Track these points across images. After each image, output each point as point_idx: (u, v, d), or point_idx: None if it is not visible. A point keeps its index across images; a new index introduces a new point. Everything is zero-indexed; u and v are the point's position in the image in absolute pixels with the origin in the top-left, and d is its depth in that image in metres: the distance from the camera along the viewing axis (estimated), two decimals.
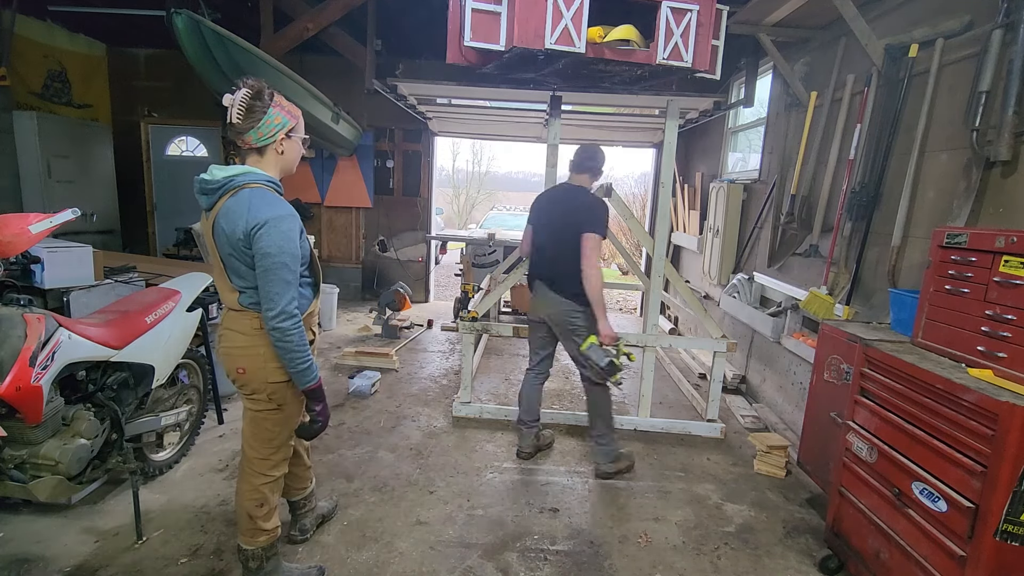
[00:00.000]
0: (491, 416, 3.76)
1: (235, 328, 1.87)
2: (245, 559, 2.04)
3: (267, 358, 1.86)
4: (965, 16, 2.64)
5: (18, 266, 2.49)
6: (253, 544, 2.02)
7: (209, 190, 1.78)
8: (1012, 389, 1.73)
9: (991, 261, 1.93)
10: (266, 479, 2.01)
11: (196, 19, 3.75)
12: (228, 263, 1.81)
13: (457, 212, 22.51)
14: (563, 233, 2.94)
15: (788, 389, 3.92)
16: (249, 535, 2.02)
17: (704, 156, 6.32)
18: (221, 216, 1.75)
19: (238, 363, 1.87)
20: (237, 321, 1.86)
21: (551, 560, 2.38)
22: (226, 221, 1.73)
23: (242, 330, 1.85)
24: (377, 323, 5.77)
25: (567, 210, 2.99)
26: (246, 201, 1.73)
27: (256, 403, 1.92)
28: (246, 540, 2.02)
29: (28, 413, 2.16)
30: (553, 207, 3.09)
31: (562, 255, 2.93)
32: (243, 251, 1.74)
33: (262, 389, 1.88)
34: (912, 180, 2.86)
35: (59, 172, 5.55)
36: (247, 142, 1.80)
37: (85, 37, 6.25)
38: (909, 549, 1.96)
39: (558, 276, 2.97)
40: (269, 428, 1.96)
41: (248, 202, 1.73)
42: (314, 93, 5.14)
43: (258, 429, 1.96)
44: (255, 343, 1.85)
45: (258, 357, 1.86)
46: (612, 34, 2.87)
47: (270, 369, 1.87)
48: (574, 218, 2.92)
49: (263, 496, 2.01)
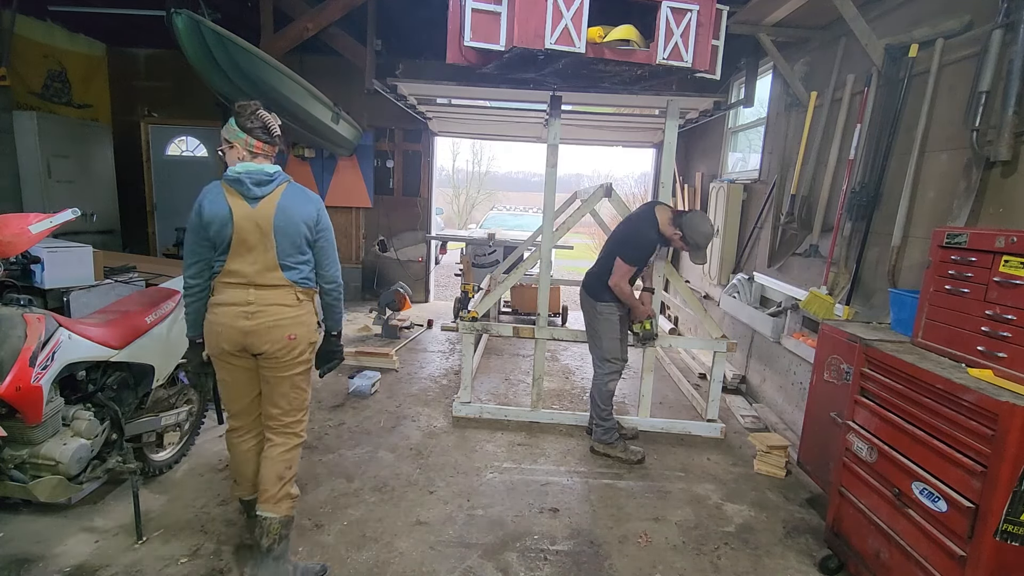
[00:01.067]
0: (491, 416, 3.76)
1: (281, 302, 2.10)
2: (265, 530, 2.07)
3: (310, 322, 2.18)
4: (965, 16, 2.64)
5: (18, 266, 2.49)
6: (279, 511, 2.10)
7: (266, 181, 2.06)
8: (1012, 389, 1.73)
9: (991, 261, 1.93)
10: (299, 440, 2.24)
11: (196, 19, 3.75)
12: (289, 243, 2.07)
13: (457, 212, 22.53)
14: (608, 246, 3.37)
15: (788, 389, 3.92)
16: (274, 501, 2.10)
17: (704, 156, 6.32)
18: (286, 202, 2.06)
19: (289, 331, 2.10)
20: (281, 296, 2.10)
21: (551, 560, 2.38)
22: (296, 206, 2.08)
23: (289, 302, 2.11)
24: (377, 323, 5.77)
25: (619, 231, 3.38)
26: (302, 191, 2.15)
27: (299, 366, 2.16)
28: (272, 507, 2.10)
29: (28, 413, 2.16)
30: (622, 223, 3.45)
31: (597, 263, 3.39)
32: (312, 229, 2.12)
33: (306, 350, 2.17)
34: (912, 180, 2.86)
35: (59, 172, 5.55)
36: (274, 150, 2.15)
37: (85, 37, 6.25)
38: (909, 549, 1.96)
39: (588, 275, 3.43)
40: (304, 388, 2.22)
41: (304, 191, 2.15)
42: (314, 93, 5.14)
43: (295, 393, 2.19)
44: (302, 311, 2.14)
45: (305, 324, 2.15)
46: (612, 34, 2.87)
47: (313, 330, 2.20)
48: (616, 241, 3.31)
49: (294, 457, 2.21)
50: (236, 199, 2.03)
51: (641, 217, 3.28)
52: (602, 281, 3.24)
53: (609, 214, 6.32)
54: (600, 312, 3.28)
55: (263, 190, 2.04)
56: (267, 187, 2.05)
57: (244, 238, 2.03)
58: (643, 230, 3.20)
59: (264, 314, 2.07)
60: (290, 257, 2.09)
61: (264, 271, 2.07)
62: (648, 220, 3.20)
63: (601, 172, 26.34)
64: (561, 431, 3.65)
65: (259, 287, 2.08)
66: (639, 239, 3.20)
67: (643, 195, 11.64)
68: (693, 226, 3.08)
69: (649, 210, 3.27)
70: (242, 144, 2.05)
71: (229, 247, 2.04)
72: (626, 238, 3.24)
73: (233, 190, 2.04)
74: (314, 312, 2.22)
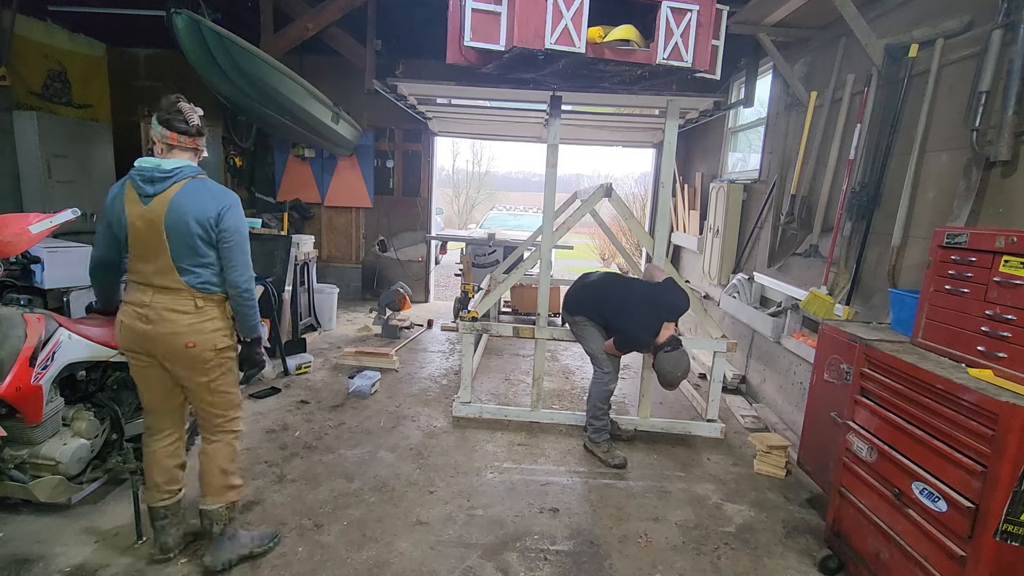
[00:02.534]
0: (491, 416, 3.76)
1: (176, 307, 2.00)
2: (213, 521, 2.15)
3: (211, 329, 2.06)
4: (965, 16, 2.64)
5: (18, 266, 2.49)
6: (224, 501, 2.16)
7: (159, 178, 1.95)
8: (1012, 389, 1.73)
9: (991, 261, 1.93)
10: (235, 434, 2.24)
11: (196, 19, 3.75)
12: (183, 244, 1.96)
13: (457, 212, 22.52)
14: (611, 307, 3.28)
15: (788, 389, 3.92)
16: (219, 493, 2.16)
17: (704, 156, 6.32)
18: (180, 200, 1.94)
19: (187, 339, 2.01)
20: (177, 301, 2.00)
21: (551, 560, 2.38)
22: (190, 204, 1.94)
23: (185, 308, 2.01)
24: (377, 323, 5.77)
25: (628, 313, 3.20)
26: (207, 187, 2.00)
27: (207, 373, 2.09)
28: (217, 499, 2.15)
29: (28, 413, 2.16)
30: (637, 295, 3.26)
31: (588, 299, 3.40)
32: (210, 230, 1.98)
33: (210, 358, 2.07)
34: (912, 180, 2.86)
35: (59, 172, 5.54)
36: (197, 143, 2.05)
37: (85, 37, 6.24)
38: (909, 549, 1.96)
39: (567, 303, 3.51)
40: (227, 389, 2.17)
41: (209, 188, 2.01)
42: (314, 93, 5.14)
43: (221, 395, 2.15)
44: (200, 318, 2.03)
45: (203, 331, 2.04)
46: (612, 34, 2.87)
47: (217, 337, 2.08)
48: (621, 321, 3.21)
49: (234, 450, 2.22)
50: (132, 196, 1.97)
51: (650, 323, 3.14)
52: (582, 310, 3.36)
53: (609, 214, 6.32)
54: (577, 322, 3.40)
55: (155, 188, 1.94)
56: (160, 184, 1.94)
57: (139, 238, 1.97)
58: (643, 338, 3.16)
59: (160, 320, 1.99)
60: (186, 259, 1.98)
61: (159, 273, 1.99)
62: (652, 331, 3.14)
63: (601, 172, 26.34)
64: (561, 431, 3.65)
65: (157, 290, 2.00)
66: (635, 343, 3.23)
67: (643, 195, 11.63)
68: (663, 366, 3.12)
69: (659, 319, 3.15)
70: (158, 138, 2.00)
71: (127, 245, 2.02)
72: (627, 331, 3.17)
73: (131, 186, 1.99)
74: (221, 318, 2.09)
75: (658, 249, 3.68)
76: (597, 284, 3.43)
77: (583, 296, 3.41)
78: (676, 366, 3.10)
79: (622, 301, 3.24)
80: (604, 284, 3.41)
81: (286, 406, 3.78)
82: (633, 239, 11.00)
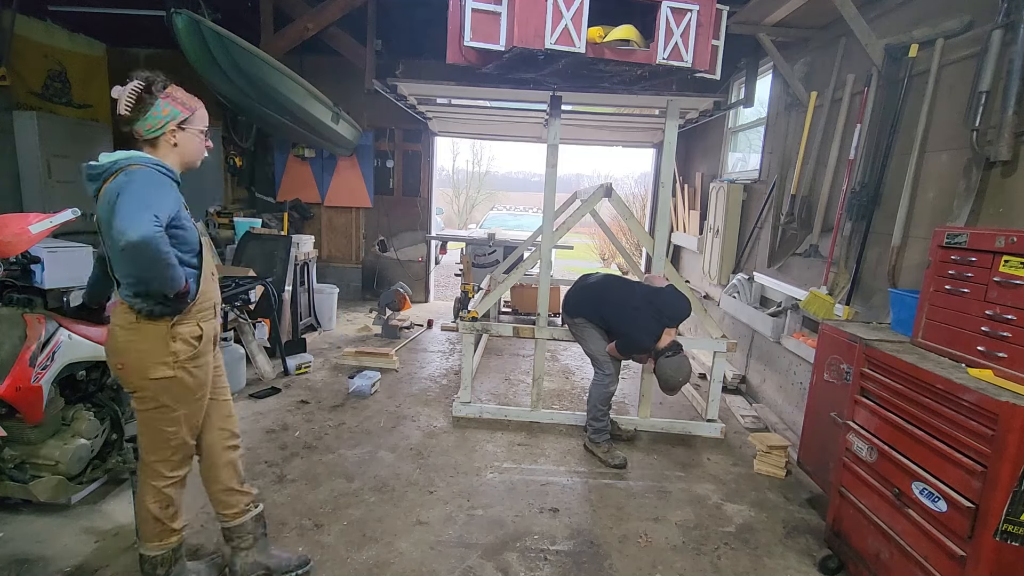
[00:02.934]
0: (491, 416, 3.76)
1: (116, 322, 1.79)
2: (152, 567, 1.91)
3: (146, 353, 1.77)
4: (965, 16, 2.64)
5: (18, 266, 2.49)
6: (164, 547, 1.92)
7: (94, 176, 1.73)
8: (1012, 389, 1.73)
9: (991, 261, 1.93)
10: (169, 481, 1.90)
11: (196, 19, 3.75)
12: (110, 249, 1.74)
13: (457, 212, 22.52)
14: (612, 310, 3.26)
15: (788, 389, 3.92)
16: (157, 539, 1.91)
17: (704, 156, 6.32)
18: (101, 199, 1.69)
19: (118, 358, 1.80)
20: (118, 314, 1.80)
21: (551, 560, 2.38)
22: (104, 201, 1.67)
23: (121, 323, 1.78)
24: (377, 323, 5.77)
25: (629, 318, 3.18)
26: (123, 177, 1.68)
27: (142, 402, 1.82)
28: (155, 546, 1.91)
29: (28, 413, 2.16)
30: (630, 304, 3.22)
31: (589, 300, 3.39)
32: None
33: (143, 387, 1.79)
34: (912, 180, 2.86)
35: (59, 172, 5.55)
36: (138, 133, 1.79)
37: (85, 37, 6.25)
38: (909, 549, 1.96)
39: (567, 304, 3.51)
40: (163, 428, 1.84)
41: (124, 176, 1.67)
42: (314, 93, 5.14)
43: (151, 431, 1.85)
44: (132, 337, 1.77)
45: (136, 352, 1.77)
46: (612, 34, 2.87)
47: (149, 365, 1.77)
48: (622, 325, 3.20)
49: (167, 498, 1.90)
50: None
51: (651, 328, 3.12)
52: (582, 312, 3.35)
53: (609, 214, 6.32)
54: (577, 324, 3.38)
55: (92, 186, 1.75)
56: (95, 183, 1.74)
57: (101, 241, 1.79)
58: (645, 343, 3.13)
59: (109, 333, 1.83)
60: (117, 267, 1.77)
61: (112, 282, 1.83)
62: (654, 335, 3.12)
63: (601, 172, 26.34)
64: (561, 431, 3.65)
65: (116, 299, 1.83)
66: (637, 347, 3.19)
67: (643, 195, 11.63)
68: (664, 371, 3.10)
69: (661, 325, 3.14)
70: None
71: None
72: (628, 338, 3.16)
73: None
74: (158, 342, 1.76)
75: (658, 249, 3.68)
76: (596, 286, 3.42)
77: (583, 297, 3.41)
78: (678, 371, 3.09)
79: (623, 304, 3.23)
80: (604, 285, 3.40)
81: (286, 406, 3.78)
82: (633, 239, 11.00)
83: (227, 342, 3.91)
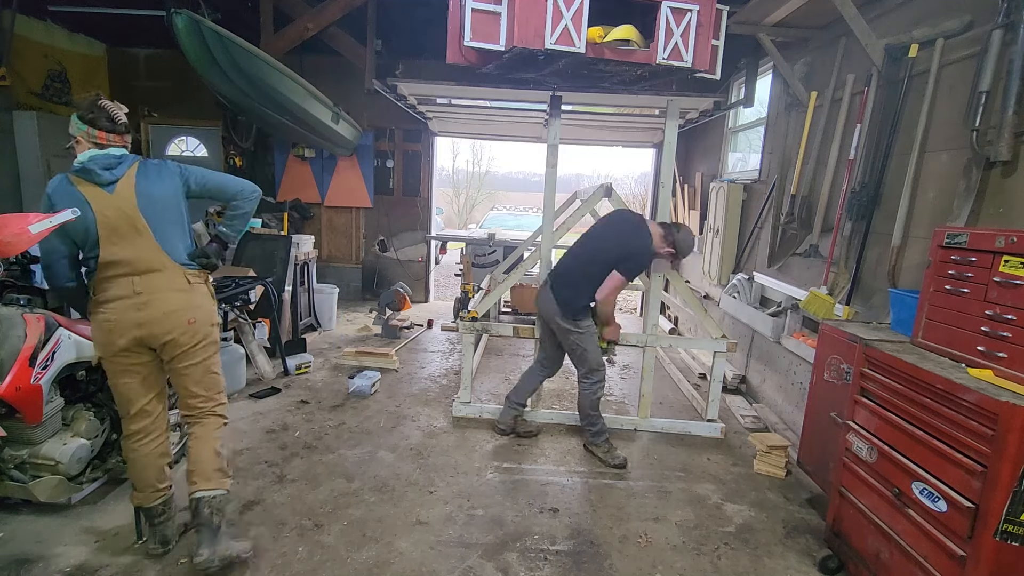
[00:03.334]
0: (491, 416, 3.75)
1: (170, 287, 2.03)
2: (215, 508, 2.08)
3: (205, 305, 2.11)
4: (965, 16, 2.64)
5: (18, 266, 2.49)
6: (222, 486, 2.12)
7: (115, 163, 2.00)
8: (1012, 389, 1.73)
9: (991, 261, 1.93)
10: (225, 421, 2.23)
11: (196, 19, 3.75)
12: (163, 220, 2.03)
13: (457, 212, 22.51)
14: (595, 254, 3.19)
15: (788, 389, 3.92)
16: (219, 477, 2.12)
17: (704, 156, 6.32)
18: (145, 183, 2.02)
19: (187, 315, 2.04)
20: (169, 280, 2.03)
21: (551, 560, 2.38)
22: (156, 184, 2.04)
23: (180, 287, 2.05)
24: (377, 323, 5.77)
25: (611, 240, 3.20)
26: (156, 167, 2.09)
27: (206, 349, 2.11)
28: (217, 484, 2.11)
29: (28, 413, 2.16)
30: (606, 230, 3.30)
31: (577, 268, 3.21)
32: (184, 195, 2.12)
33: (209, 332, 2.11)
34: (912, 180, 2.86)
35: (59, 172, 5.55)
36: (126, 141, 2.10)
37: (85, 37, 6.25)
38: (909, 549, 1.96)
39: (561, 282, 3.23)
40: (216, 371, 2.19)
41: (158, 166, 2.09)
42: (314, 93, 5.14)
43: (211, 376, 2.16)
44: (196, 293, 2.09)
45: (201, 306, 2.10)
46: (612, 34, 2.87)
47: (212, 311, 2.15)
48: (614, 253, 3.12)
49: (225, 435, 2.21)
50: (90, 188, 1.96)
51: (638, 232, 3.16)
52: (582, 295, 3.12)
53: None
54: (583, 329, 3.16)
55: (114, 173, 1.98)
56: (117, 170, 1.99)
57: (113, 227, 1.96)
58: (645, 245, 3.13)
59: (155, 303, 2.00)
60: (167, 235, 2.04)
61: (143, 257, 2.00)
62: (644, 236, 3.14)
63: (601, 172, 26.34)
64: (561, 431, 3.65)
65: (143, 274, 1.99)
66: (642, 256, 3.15)
67: (643, 195, 11.63)
68: (687, 241, 3.21)
69: (640, 224, 3.20)
70: (85, 137, 1.99)
71: (98, 240, 1.96)
72: (628, 252, 3.10)
73: (83, 180, 1.96)
74: (210, 295, 2.17)
75: None
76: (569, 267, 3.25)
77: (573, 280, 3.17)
78: (690, 233, 3.24)
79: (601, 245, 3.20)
80: (575, 259, 3.25)
81: (286, 406, 3.78)
82: None
83: (227, 342, 3.91)
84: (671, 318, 6.62)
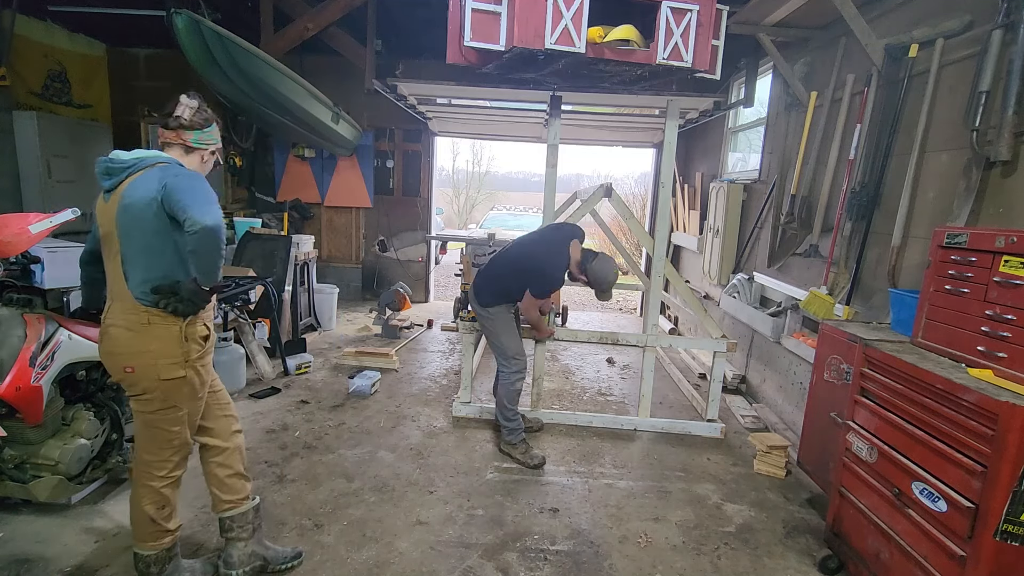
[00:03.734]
0: (491, 416, 3.75)
1: (121, 323, 1.77)
2: (146, 566, 1.93)
3: (157, 354, 1.77)
4: (965, 16, 2.64)
5: (18, 266, 2.49)
6: (157, 547, 1.93)
7: (116, 169, 1.77)
8: (1012, 389, 1.73)
9: (991, 261, 1.93)
10: (167, 481, 1.91)
11: (196, 19, 3.75)
12: (134, 244, 1.74)
13: (457, 212, 22.50)
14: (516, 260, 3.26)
15: (788, 389, 3.92)
16: (152, 539, 1.92)
17: (704, 156, 6.32)
18: (132, 188, 1.73)
19: (125, 362, 1.77)
20: (124, 316, 1.77)
21: (551, 560, 2.38)
22: (140, 188, 1.72)
23: (130, 326, 1.76)
24: (377, 323, 5.77)
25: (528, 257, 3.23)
26: (159, 172, 1.75)
27: (148, 404, 1.82)
28: (149, 545, 1.92)
29: (28, 413, 2.16)
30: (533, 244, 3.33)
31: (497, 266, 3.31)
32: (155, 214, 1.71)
33: (153, 388, 1.79)
34: (912, 180, 2.86)
35: (59, 172, 5.55)
36: (185, 139, 1.89)
37: (85, 37, 6.25)
38: (909, 549, 1.96)
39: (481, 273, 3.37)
40: (166, 429, 1.86)
41: (163, 171, 1.76)
42: (314, 93, 5.14)
43: (153, 432, 1.86)
44: (141, 339, 1.76)
45: (148, 354, 1.77)
46: (612, 34, 2.87)
47: (162, 366, 1.78)
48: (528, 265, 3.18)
49: (164, 498, 1.91)
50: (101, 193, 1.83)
51: (553, 251, 3.16)
52: (490, 288, 3.26)
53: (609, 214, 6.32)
54: (492, 315, 3.25)
55: (111, 181, 1.78)
56: (115, 177, 1.77)
57: (103, 237, 1.82)
58: (557, 266, 3.13)
59: (107, 336, 1.80)
60: (135, 263, 1.75)
61: (113, 280, 1.80)
62: (561, 256, 3.14)
63: (601, 172, 26.34)
64: (561, 431, 3.65)
65: (113, 298, 1.81)
66: (551, 278, 3.14)
67: (643, 195, 11.63)
68: (599, 274, 3.17)
69: (563, 244, 3.18)
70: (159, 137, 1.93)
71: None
72: (538, 273, 3.13)
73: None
74: (172, 343, 1.78)
75: (658, 249, 3.68)
76: (493, 262, 3.37)
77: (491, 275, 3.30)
78: (607, 270, 3.16)
79: (522, 252, 3.27)
80: (500, 256, 3.37)
81: (286, 406, 3.78)
82: (633, 239, 11.00)
83: (227, 342, 3.91)
84: (671, 318, 6.63)
